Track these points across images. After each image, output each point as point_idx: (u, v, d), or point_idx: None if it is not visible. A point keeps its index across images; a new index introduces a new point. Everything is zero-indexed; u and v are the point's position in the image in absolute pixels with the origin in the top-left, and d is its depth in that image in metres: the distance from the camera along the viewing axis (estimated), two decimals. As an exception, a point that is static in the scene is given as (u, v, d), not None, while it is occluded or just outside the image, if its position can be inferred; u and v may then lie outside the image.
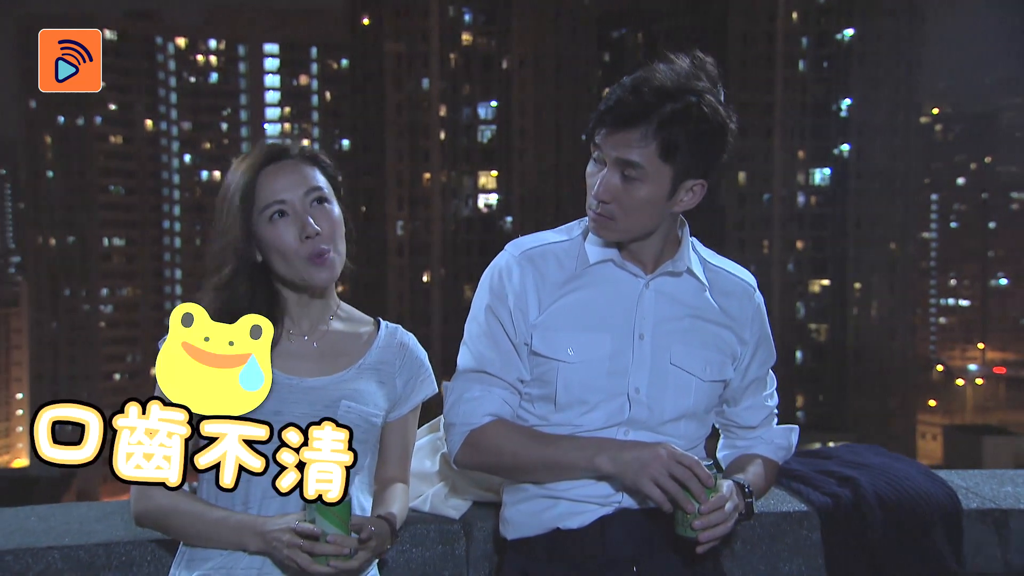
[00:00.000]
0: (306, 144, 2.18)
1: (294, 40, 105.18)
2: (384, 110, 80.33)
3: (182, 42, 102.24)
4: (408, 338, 2.27)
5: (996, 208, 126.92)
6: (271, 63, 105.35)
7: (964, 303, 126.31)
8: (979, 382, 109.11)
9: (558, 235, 2.27)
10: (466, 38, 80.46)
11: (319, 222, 2.08)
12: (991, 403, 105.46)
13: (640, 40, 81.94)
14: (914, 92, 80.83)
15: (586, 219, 2.20)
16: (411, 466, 2.35)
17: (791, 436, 2.41)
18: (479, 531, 2.45)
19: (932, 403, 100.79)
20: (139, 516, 2.05)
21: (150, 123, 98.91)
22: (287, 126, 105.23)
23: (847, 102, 77.83)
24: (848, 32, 77.24)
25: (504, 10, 79.43)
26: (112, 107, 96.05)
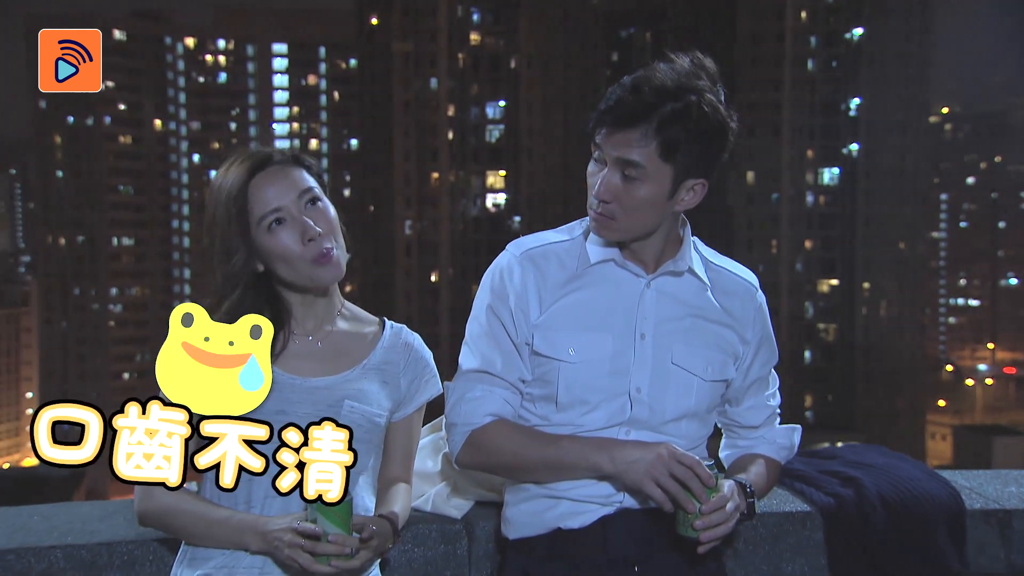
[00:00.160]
0: (286, 146, 2.17)
1: (302, 40, 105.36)
2: (392, 110, 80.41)
3: (191, 42, 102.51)
4: (413, 338, 2.27)
5: (1006, 207, 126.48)
6: (279, 63, 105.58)
7: (974, 303, 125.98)
8: (989, 382, 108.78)
9: (559, 235, 2.26)
10: (474, 38, 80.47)
11: (317, 223, 2.08)
12: (1001, 403, 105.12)
13: (648, 39, 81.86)
14: (923, 91, 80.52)
15: (587, 219, 2.20)
16: (414, 466, 2.35)
17: (793, 436, 2.41)
18: (481, 531, 2.45)
19: (942, 403, 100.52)
20: (142, 515, 2.05)
21: (159, 123, 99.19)
22: (295, 126, 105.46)
23: (856, 101, 77.58)
24: (857, 31, 76.99)
25: (512, 10, 79.41)
26: (121, 107, 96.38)
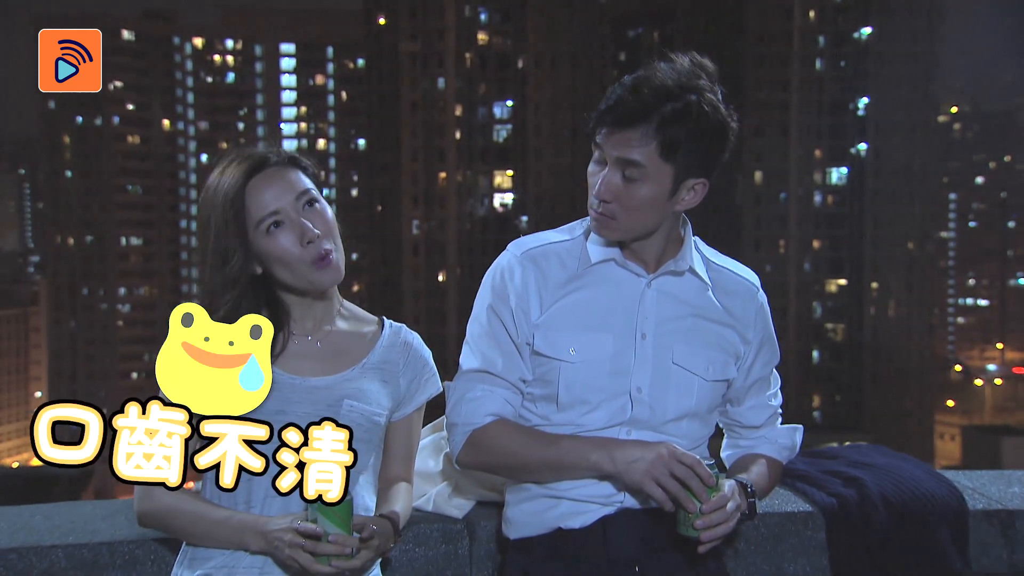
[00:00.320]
0: (282, 148, 2.15)
1: (310, 40, 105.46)
2: (400, 109, 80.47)
3: (199, 42, 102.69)
4: (412, 337, 2.26)
5: (1015, 207, 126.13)
6: (287, 63, 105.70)
7: (983, 303, 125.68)
8: (998, 382, 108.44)
9: (560, 235, 2.26)
10: (482, 37, 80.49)
11: (316, 224, 2.07)
12: (1010, 403, 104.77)
13: (656, 39, 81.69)
14: (932, 90, 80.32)
15: (588, 219, 2.19)
16: (415, 465, 2.35)
17: (795, 436, 2.41)
18: (482, 531, 2.44)
19: (950, 403, 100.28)
20: (142, 516, 2.05)
21: (167, 123, 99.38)
22: (303, 126, 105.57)
23: (864, 101, 77.45)
24: (865, 31, 76.85)
25: (520, 9, 79.44)
26: (130, 107, 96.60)
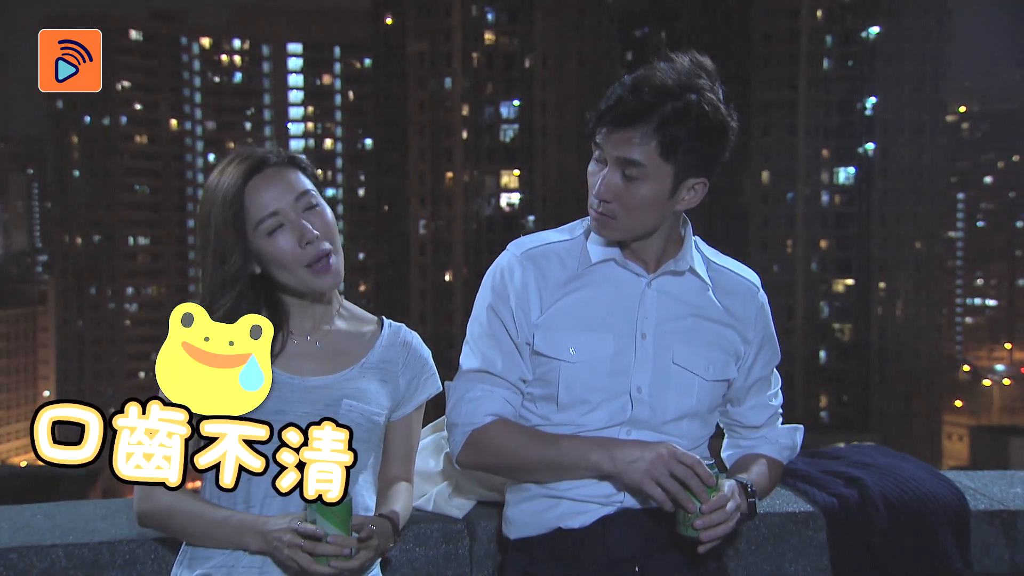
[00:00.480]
0: (281, 148, 2.14)
1: (317, 40, 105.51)
2: (407, 109, 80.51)
3: (207, 42, 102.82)
4: (412, 336, 2.26)
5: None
6: (294, 63, 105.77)
7: (991, 303, 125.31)
8: (1006, 382, 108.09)
9: (560, 234, 2.26)
10: (489, 37, 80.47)
11: (315, 225, 2.07)
12: (1018, 404, 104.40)
13: (663, 39, 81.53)
14: (940, 90, 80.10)
15: (588, 218, 2.19)
16: (415, 465, 2.35)
17: (795, 436, 2.40)
18: (482, 530, 2.45)
19: (958, 403, 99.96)
20: (142, 516, 2.06)
21: (175, 123, 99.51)
22: (310, 125, 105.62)
23: (872, 100, 77.24)
24: (873, 30, 76.64)
25: (527, 9, 79.39)
26: (137, 107, 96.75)
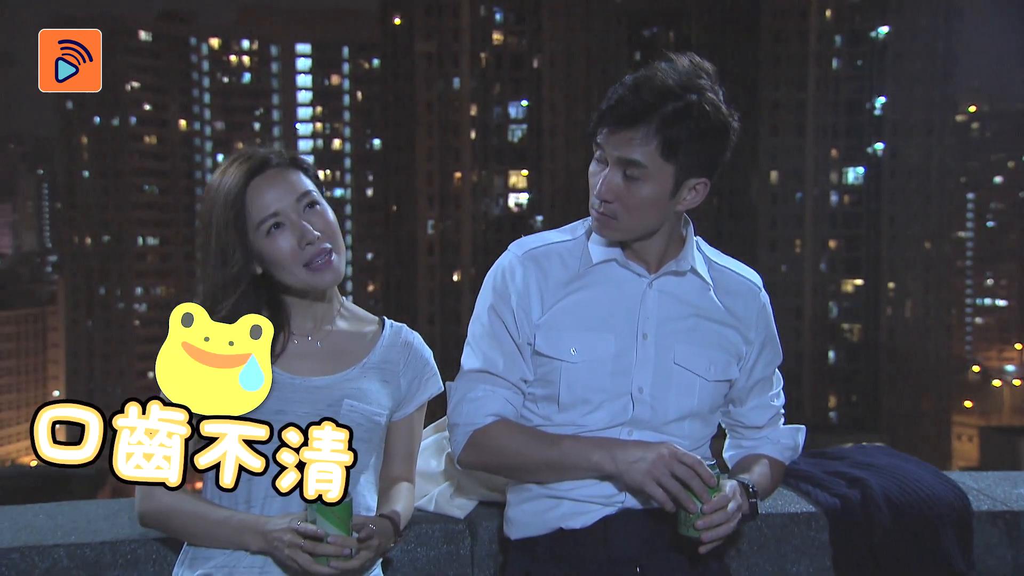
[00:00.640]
0: (283, 149, 2.14)
1: (326, 40, 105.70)
2: (415, 109, 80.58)
3: (215, 42, 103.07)
4: (413, 337, 2.27)
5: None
6: (303, 63, 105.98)
7: (1001, 303, 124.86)
8: (1016, 383, 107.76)
9: (561, 235, 2.26)
10: (497, 37, 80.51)
11: (316, 226, 2.08)
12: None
13: (671, 39, 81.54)
14: (950, 89, 79.90)
15: (589, 219, 2.19)
16: (417, 465, 2.35)
17: (798, 436, 2.40)
18: (484, 531, 2.44)
19: (968, 404, 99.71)
20: (143, 516, 2.06)
21: (184, 123, 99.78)
22: (319, 126, 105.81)
23: (881, 100, 77.12)
24: (883, 29, 76.50)
25: (535, 9, 79.42)
26: (147, 107, 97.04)
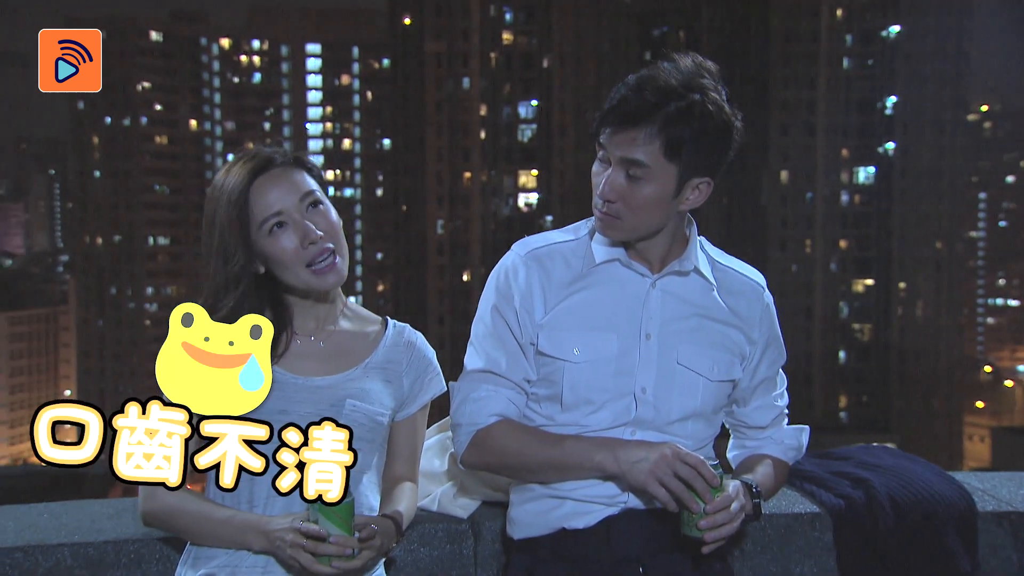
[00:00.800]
0: (287, 149, 2.14)
1: (336, 40, 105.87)
2: (425, 109, 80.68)
3: (226, 43, 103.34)
4: (416, 337, 2.26)
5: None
6: (313, 63, 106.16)
7: (1013, 303, 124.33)
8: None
9: (564, 235, 2.26)
10: (507, 37, 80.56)
11: (318, 225, 2.07)
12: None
13: (681, 38, 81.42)
14: (961, 89, 79.62)
15: (593, 219, 2.19)
16: (420, 465, 2.34)
17: (801, 436, 2.40)
18: (487, 531, 2.44)
19: (980, 404, 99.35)
20: (146, 516, 2.06)
21: (194, 123, 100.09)
22: (329, 126, 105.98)
23: (892, 99, 76.89)
24: (894, 29, 76.28)
25: (545, 9, 79.44)
26: (157, 107, 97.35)
